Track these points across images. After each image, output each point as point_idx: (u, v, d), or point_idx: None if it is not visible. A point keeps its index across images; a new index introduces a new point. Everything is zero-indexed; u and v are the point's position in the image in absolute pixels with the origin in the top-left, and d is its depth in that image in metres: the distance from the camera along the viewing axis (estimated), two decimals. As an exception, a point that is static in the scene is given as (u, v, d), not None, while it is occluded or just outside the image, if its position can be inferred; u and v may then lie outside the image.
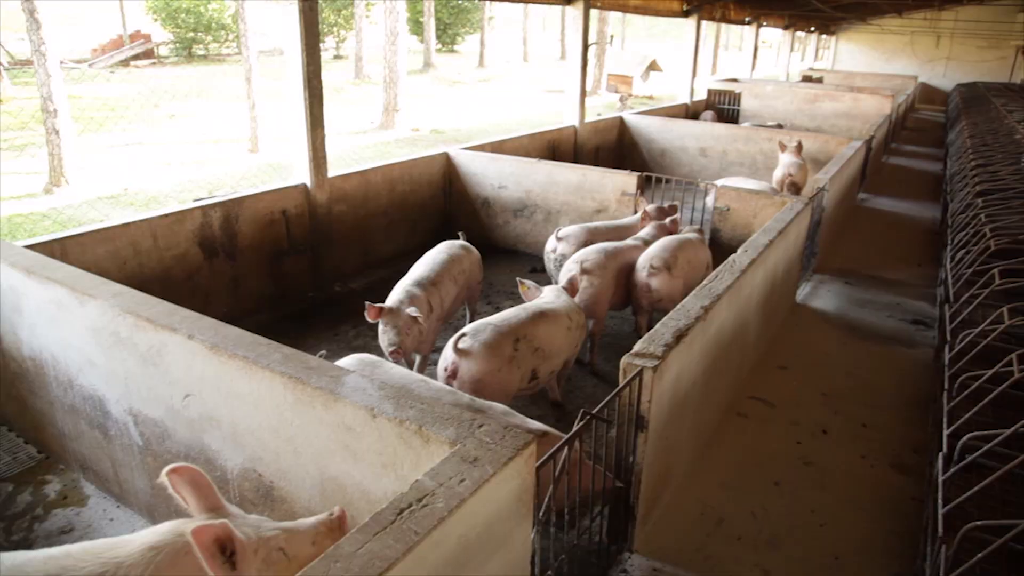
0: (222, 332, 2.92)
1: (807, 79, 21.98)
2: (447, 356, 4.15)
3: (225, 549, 1.93)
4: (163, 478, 2.08)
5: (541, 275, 6.98)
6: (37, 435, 4.39)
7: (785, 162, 9.17)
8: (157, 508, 3.63)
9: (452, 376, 4.11)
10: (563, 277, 5.48)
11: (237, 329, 2.96)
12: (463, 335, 4.14)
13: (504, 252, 8.10)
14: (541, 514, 2.50)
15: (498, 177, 8.01)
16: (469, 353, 4.08)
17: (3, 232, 10.06)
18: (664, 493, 3.93)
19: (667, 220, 6.34)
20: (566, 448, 2.62)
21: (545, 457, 2.46)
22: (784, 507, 4.05)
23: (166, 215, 5.60)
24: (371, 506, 2.51)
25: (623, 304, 5.85)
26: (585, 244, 6.05)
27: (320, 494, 2.68)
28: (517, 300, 5.11)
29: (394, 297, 4.87)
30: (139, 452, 3.59)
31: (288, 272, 6.51)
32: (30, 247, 4.44)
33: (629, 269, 5.66)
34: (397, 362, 4.55)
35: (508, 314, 4.45)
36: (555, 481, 2.55)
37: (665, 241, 5.73)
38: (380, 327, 4.65)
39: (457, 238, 5.84)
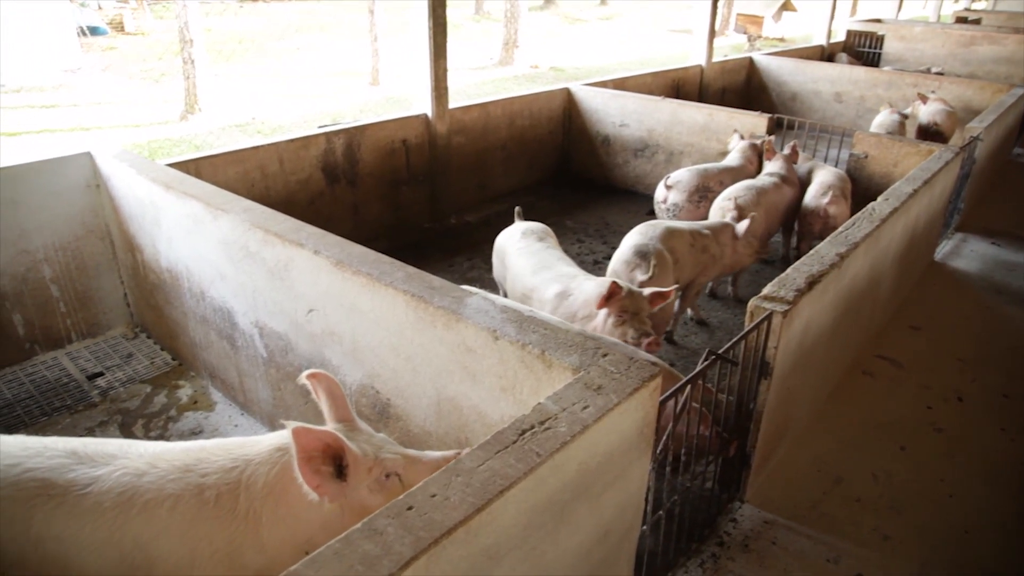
0: (347, 249, 2.95)
1: (961, 20, 20.06)
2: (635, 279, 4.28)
3: (337, 459, 1.96)
4: (303, 380, 2.13)
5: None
6: (172, 343, 4.67)
7: (930, 109, 8.42)
8: (277, 418, 3.79)
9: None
10: (714, 213, 5.42)
11: (361, 247, 2.99)
12: (646, 260, 4.31)
13: (621, 192, 7.90)
14: (658, 451, 2.42)
15: (619, 115, 7.77)
16: (651, 280, 4.23)
17: (142, 155, 10.66)
18: (780, 445, 3.78)
19: (786, 150, 6.15)
20: (689, 386, 2.52)
21: (669, 392, 2.38)
22: (909, 473, 3.81)
23: (292, 140, 5.75)
24: (486, 428, 2.50)
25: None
26: (697, 189, 5.82)
27: (436, 414, 2.70)
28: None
29: (560, 285, 3.98)
30: (263, 364, 3.74)
31: (406, 202, 6.59)
32: (168, 166, 4.65)
33: (775, 209, 5.62)
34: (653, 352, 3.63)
35: (655, 227, 4.58)
36: (675, 419, 2.46)
37: (833, 171, 5.97)
38: (614, 318, 3.67)
39: (517, 217, 4.88)
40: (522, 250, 4.39)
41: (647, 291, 3.79)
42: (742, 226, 4.93)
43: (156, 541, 1.99)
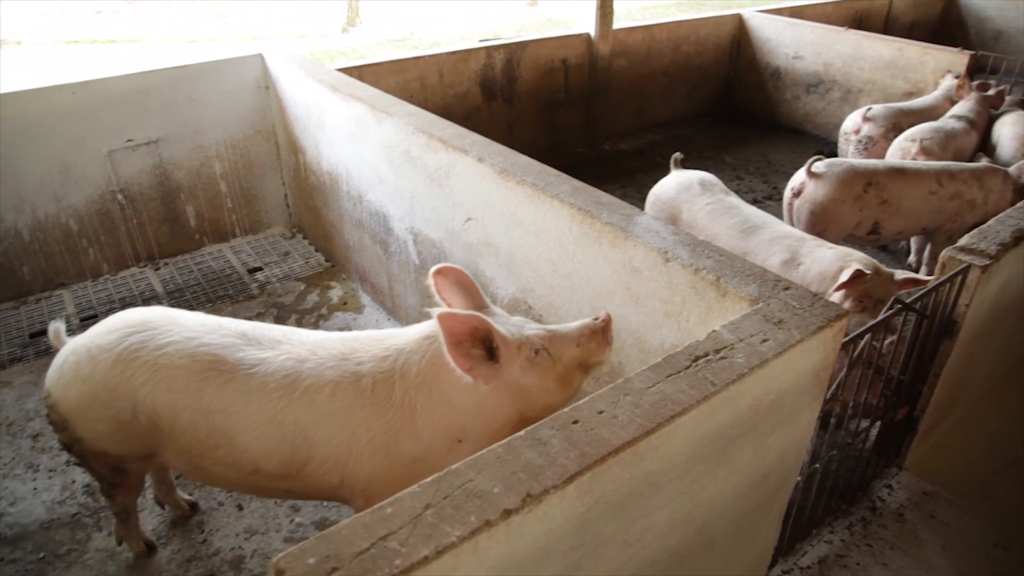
0: (512, 159, 2.86)
1: None
2: (799, 176, 4.28)
3: (486, 342, 1.93)
4: (429, 279, 2.10)
5: (827, 160, 6.28)
6: (326, 244, 4.82)
7: None
8: (424, 325, 3.84)
9: (796, 195, 4.28)
10: (892, 153, 5.01)
11: (526, 157, 2.89)
12: (819, 159, 4.22)
13: (787, 130, 7.38)
14: (827, 398, 2.23)
15: (794, 45, 7.19)
16: (820, 177, 4.16)
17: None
18: (951, 414, 3.44)
19: (991, 92, 5.49)
20: (869, 334, 2.29)
21: (850, 336, 2.16)
22: (1103, 463, 3.39)
23: (453, 52, 5.69)
24: (644, 355, 2.39)
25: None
26: (894, 128, 5.33)
27: (590, 335, 2.61)
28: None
29: (787, 252, 3.51)
30: (414, 270, 3.78)
31: (561, 124, 6.44)
32: (334, 70, 4.70)
33: (962, 156, 5.13)
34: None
35: (870, 161, 4.43)
36: (851, 366, 2.25)
37: None
38: (851, 303, 3.29)
39: (674, 165, 4.29)
40: (714, 208, 3.81)
41: (899, 275, 3.32)
42: (1020, 167, 4.47)
43: (317, 425, 2.05)
